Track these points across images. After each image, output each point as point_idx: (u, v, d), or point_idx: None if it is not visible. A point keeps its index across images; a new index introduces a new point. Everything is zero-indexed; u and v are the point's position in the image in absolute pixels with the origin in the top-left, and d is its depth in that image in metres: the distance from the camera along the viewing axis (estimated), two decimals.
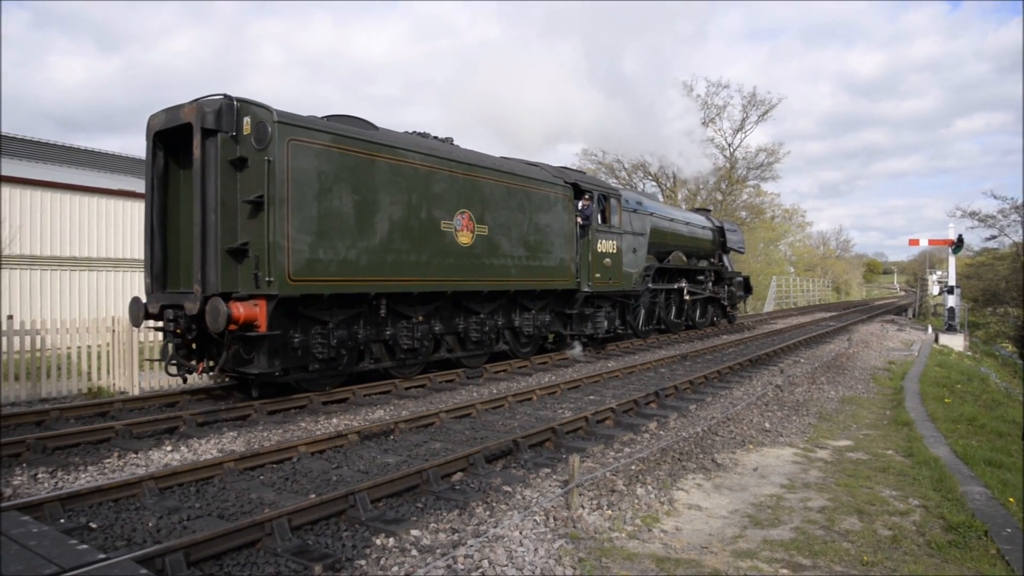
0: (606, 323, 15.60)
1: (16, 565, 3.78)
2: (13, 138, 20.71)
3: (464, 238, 11.46)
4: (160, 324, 9.49)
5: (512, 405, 9.58)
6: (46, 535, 4.22)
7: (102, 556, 3.91)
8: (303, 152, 8.83)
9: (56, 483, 6.09)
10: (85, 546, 4.08)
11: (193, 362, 9.30)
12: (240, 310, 8.37)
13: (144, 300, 9.46)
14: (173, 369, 9.46)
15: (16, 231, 15.50)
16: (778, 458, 7.33)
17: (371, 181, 9.77)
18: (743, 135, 46.10)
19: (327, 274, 9.16)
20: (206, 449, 7.22)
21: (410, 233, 10.40)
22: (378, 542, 4.69)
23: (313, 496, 5.54)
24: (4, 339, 10.00)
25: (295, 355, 9.21)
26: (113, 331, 10.82)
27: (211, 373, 9.73)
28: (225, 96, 8.78)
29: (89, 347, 10.84)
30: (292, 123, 8.75)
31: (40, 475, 6.26)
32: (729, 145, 46.28)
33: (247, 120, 8.71)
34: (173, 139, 9.30)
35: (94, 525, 4.98)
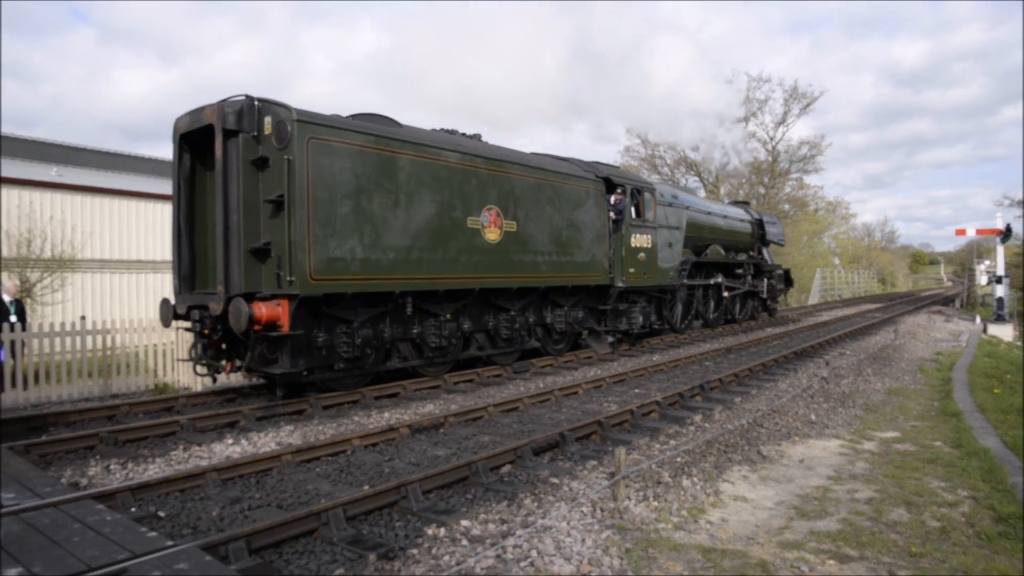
0: (641, 319, 15.25)
1: (92, 551, 3.97)
2: (83, 149, 21.68)
3: (492, 234, 11.24)
4: (188, 325, 9.41)
5: (558, 399, 9.63)
6: (119, 523, 4.41)
7: (170, 543, 4.06)
8: (323, 150, 8.71)
9: (127, 474, 6.36)
10: (154, 533, 4.24)
11: (223, 362, 9.24)
12: (262, 310, 8.30)
13: (173, 301, 9.47)
14: (202, 369, 9.43)
15: (87, 236, 16.21)
16: (824, 450, 7.27)
17: (394, 178, 9.61)
18: (785, 128, 45.39)
19: (349, 273, 9.00)
20: (265, 442, 7.42)
21: (435, 230, 10.21)
22: (430, 532, 4.78)
23: (367, 487, 5.68)
24: (78, 338, 10.46)
25: (319, 355, 9.11)
26: (177, 330, 11.18)
27: (239, 372, 9.70)
28: (247, 97, 8.74)
29: (156, 345, 11.25)
30: (312, 121, 8.62)
31: (112, 466, 6.53)
32: (771, 139, 45.58)
33: (268, 120, 8.65)
34: (198, 141, 9.28)
35: (162, 514, 5.20)
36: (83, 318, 11.02)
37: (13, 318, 10.41)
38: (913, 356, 15.02)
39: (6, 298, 10.79)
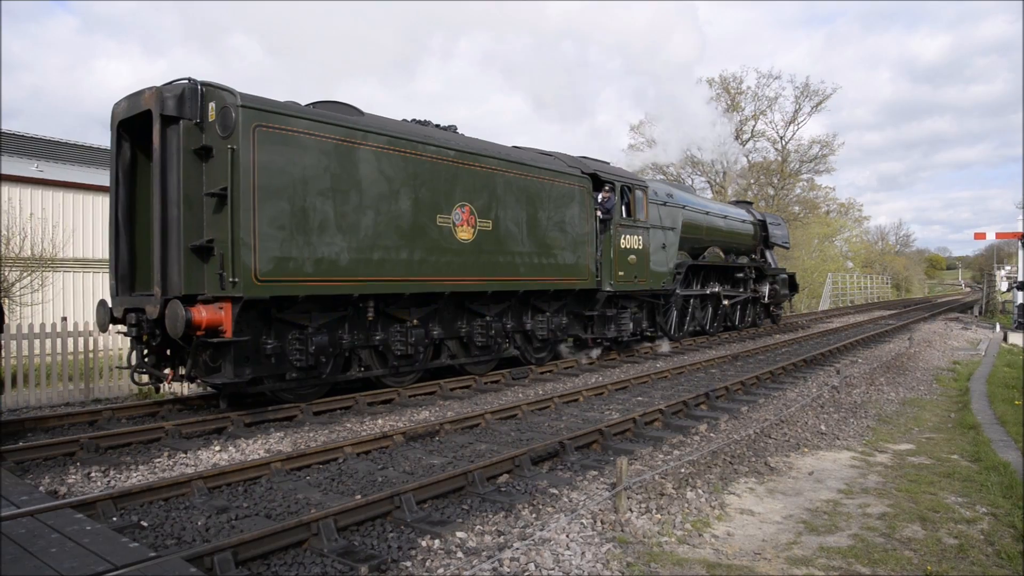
0: (631, 325, 14.48)
1: (70, 562, 3.87)
2: (65, 143, 21.37)
3: (464, 233, 10.53)
4: (126, 329, 8.73)
5: (558, 406, 9.49)
6: (99, 533, 4.33)
7: (153, 554, 3.99)
8: (272, 139, 8.09)
9: (109, 482, 6.22)
10: (136, 544, 4.17)
11: (166, 370, 8.62)
12: (202, 314, 7.70)
13: (110, 303, 8.84)
14: (143, 377, 8.80)
15: (69, 234, 16.01)
16: (835, 462, 7.10)
17: (353, 171, 8.95)
18: (795, 127, 45.18)
19: (301, 274, 8.37)
20: (253, 449, 7.29)
21: (400, 228, 9.51)
22: (424, 544, 4.68)
23: (359, 497, 5.55)
24: (59, 340, 10.27)
25: (268, 363, 8.47)
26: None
27: (184, 382, 9.10)
28: (189, 80, 8.19)
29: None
30: (260, 108, 7.99)
31: (93, 474, 6.40)
32: (781, 138, 45.39)
33: (212, 105, 8.04)
34: (138, 128, 8.56)
35: (145, 523, 5.07)
36: (64, 319, 10.81)
37: None
38: (929, 365, 14.77)
39: None
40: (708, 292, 18.66)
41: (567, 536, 4.80)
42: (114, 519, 5.09)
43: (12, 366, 10.00)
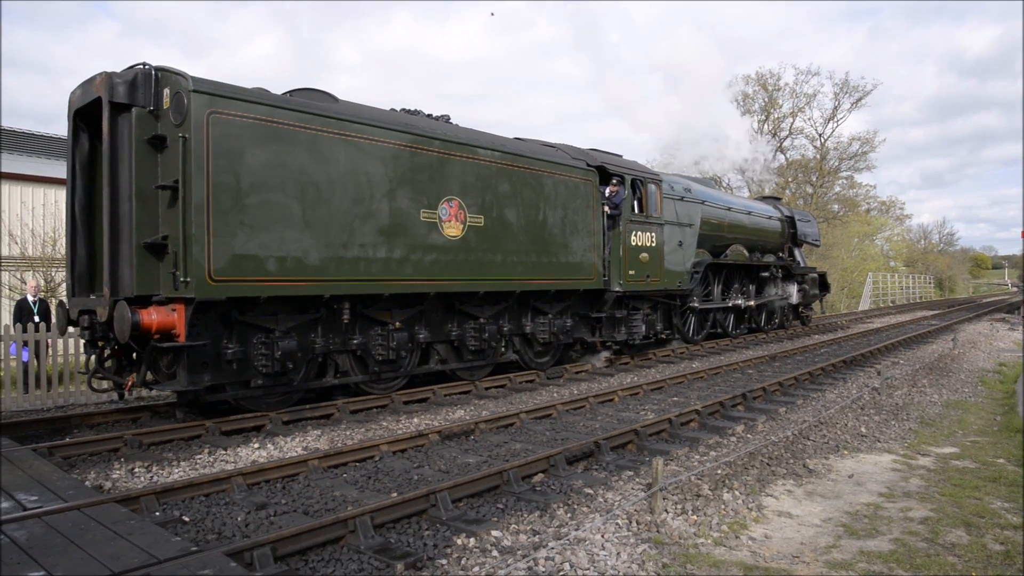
0: (643, 328, 13.68)
1: (115, 555, 3.95)
2: None
3: (452, 230, 9.84)
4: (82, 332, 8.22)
5: (593, 406, 9.45)
6: (143, 527, 4.42)
7: (194, 549, 4.05)
8: (229, 127, 7.48)
9: (151, 477, 6.35)
10: (178, 538, 4.25)
11: (135, 376, 8.06)
12: (152, 316, 7.22)
13: (68, 305, 8.33)
14: (100, 384, 8.45)
15: None
16: (875, 465, 6.96)
17: (322, 162, 8.32)
18: (835, 124, 44.45)
19: (262, 273, 7.76)
20: (291, 447, 7.38)
21: (377, 224, 8.88)
22: (459, 542, 4.69)
23: (395, 495, 5.58)
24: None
25: (230, 369, 7.92)
26: None
27: (142, 388, 8.53)
28: (144, 65, 7.70)
29: None
30: (214, 93, 7.41)
31: (137, 469, 6.53)
32: (820, 135, 44.67)
33: (167, 92, 7.52)
34: (95, 117, 7.93)
35: (187, 518, 5.15)
36: None
37: (36, 318, 10.59)
38: (973, 367, 14.40)
39: (30, 298, 10.98)
40: (730, 304, 17.73)
41: (602, 536, 4.78)
42: (157, 514, 5.19)
43: (59, 364, 10.26)
